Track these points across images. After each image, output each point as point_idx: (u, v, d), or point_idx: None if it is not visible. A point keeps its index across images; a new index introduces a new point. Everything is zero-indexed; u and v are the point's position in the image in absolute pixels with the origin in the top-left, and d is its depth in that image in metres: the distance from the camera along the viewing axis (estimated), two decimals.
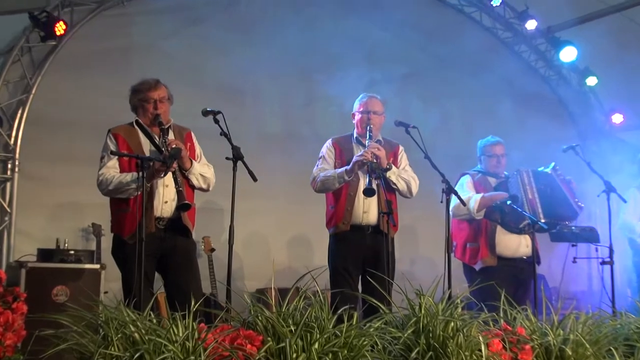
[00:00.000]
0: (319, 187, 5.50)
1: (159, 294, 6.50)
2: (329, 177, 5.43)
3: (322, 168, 5.54)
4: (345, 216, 5.43)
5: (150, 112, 4.99)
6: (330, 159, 5.58)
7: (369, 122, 5.52)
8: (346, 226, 5.43)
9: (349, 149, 5.57)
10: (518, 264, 6.01)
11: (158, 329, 3.30)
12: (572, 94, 10.74)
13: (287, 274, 7.81)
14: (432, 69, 9.55)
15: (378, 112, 5.58)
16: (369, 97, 5.65)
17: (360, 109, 5.61)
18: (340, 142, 5.66)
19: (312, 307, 3.57)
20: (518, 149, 6.90)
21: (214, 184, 5.16)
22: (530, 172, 6.14)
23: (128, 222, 4.86)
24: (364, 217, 5.42)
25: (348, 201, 5.44)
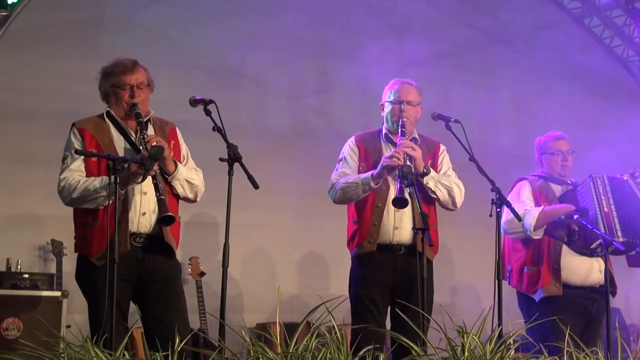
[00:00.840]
0: (339, 196, 5.47)
1: (134, 329, 6.57)
2: (351, 183, 5.40)
3: (343, 173, 5.51)
4: (372, 233, 5.40)
5: (125, 101, 4.97)
6: (353, 162, 5.55)
7: (401, 114, 5.47)
8: (372, 246, 5.39)
9: (377, 149, 5.55)
10: (588, 294, 5.98)
11: None
12: None
13: (295, 305, 7.89)
14: (476, 48, 9.56)
15: (413, 102, 5.54)
16: (402, 83, 5.61)
17: (391, 99, 5.56)
18: (365, 140, 5.62)
19: (326, 347, 3.57)
20: (587, 150, 6.89)
21: (202, 192, 5.15)
22: (607, 179, 6.12)
23: (96, 238, 4.85)
24: (395, 234, 5.39)
25: (375, 214, 5.41)
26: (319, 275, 8.34)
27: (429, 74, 9.18)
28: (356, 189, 5.38)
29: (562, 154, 6.22)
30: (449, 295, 8.80)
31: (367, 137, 5.65)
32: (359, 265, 5.49)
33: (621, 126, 9.81)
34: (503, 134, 9.62)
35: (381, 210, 5.40)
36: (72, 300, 6.33)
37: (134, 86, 4.97)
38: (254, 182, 4.65)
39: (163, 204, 4.73)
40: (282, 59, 8.65)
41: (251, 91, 8.62)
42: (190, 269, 7.60)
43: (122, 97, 4.98)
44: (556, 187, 6.19)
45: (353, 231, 5.52)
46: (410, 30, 9.13)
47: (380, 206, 5.40)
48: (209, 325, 7.26)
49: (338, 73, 8.78)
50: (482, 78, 9.48)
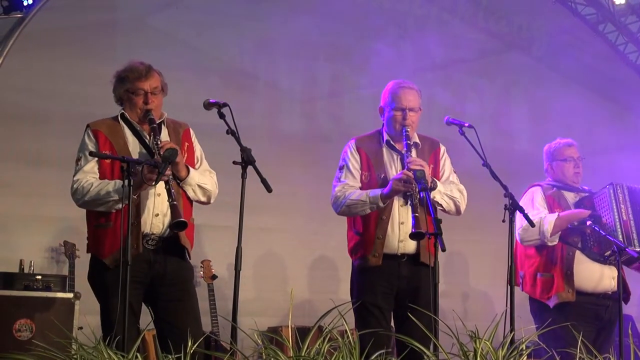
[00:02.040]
0: (344, 211, 5.38)
1: (146, 332, 6.58)
2: (357, 201, 5.29)
3: (347, 185, 5.39)
4: (376, 247, 5.31)
5: (139, 107, 4.98)
6: (356, 170, 5.43)
7: (404, 122, 5.37)
8: (378, 259, 5.30)
9: (379, 156, 5.45)
10: (601, 300, 5.96)
11: None
12: None
13: (306, 309, 7.89)
14: (491, 53, 9.55)
15: (415, 107, 5.42)
16: (403, 88, 5.45)
17: (393, 105, 5.43)
18: (365, 144, 5.50)
19: (339, 352, 3.56)
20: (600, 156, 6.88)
21: (216, 195, 5.15)
22: (626, 188, 6.09)
23: (109, 240, 4.86)
24: (400, 246, 5.32)
25: (379, 228, 5.31)
26: (330, 280, 8.32)
27: (443, 79, 9.20)
28: (363, 207, 5.29)
29: (574, 161, 6.20)
30: (460, 300, 8.78)
31: (367, 141, 5.52)
32: (362, 272, 5.41)
33: (636, 133, 9.80)
34: (517, 139, 9.62)
35: (386, 224, 5.30)
36: (84, 301, 6.34)
37: (148, 92, 4.97)
38: (267, 185, 4.65)
39: (176, 210, 4.73)
40: (295, 62, 8.66)
41: (264, 95, 8.62)
42: (202, 271, 7.60)
43: (136, 103, 4.98)
44: (569, 194, 6.17)
45: (356, 242, 5.43)
46: (424, 35, 9.13)
47: (385, 219, 5.30)
48: (221, 328, 7.26)
49: (351, 77, 8.78)
50: (496, 83, 9.47)
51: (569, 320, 5.16)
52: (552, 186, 6.17)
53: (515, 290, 5.17)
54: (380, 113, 5.56)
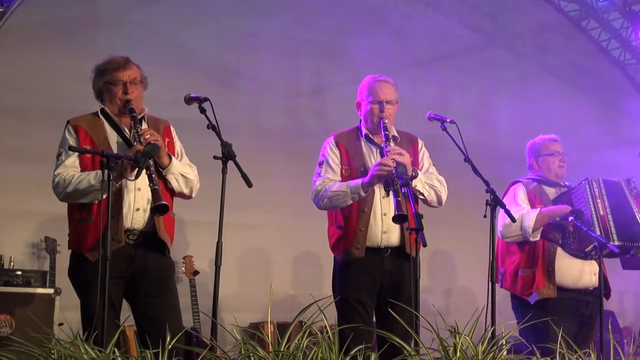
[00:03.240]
0: (325, 204, 5.38)
1: (127, 327, 6.57)
2: (339, 192, 5.30)
3: (327, 179, 5.40)
4: (358, 239, 5.31)
5: (118, 98, 4.97)
6: (336, 165, 5.44)
7: (382, 115, 5.39)
8: (360, 252, 5.31)
9: (358, 150, 5.46)
10: (581, 296, 5.98)
11: None
12: None
13: (289, 305, 7.89)
14: (474, 49, 9.56)
15: (392, 100, 5.46)
16: (379, 81, 5.50)
17: (370, 99, 5.46)
18: (344, 139, 5.52)
19: (318, 346, 3.56)
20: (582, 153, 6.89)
21: (198, 188, 5.15)
22: (602, 182, 6.11)
23: (90, 234, 4.85)
24: (383, 238, 5.33)
25: (361, 220, 5.31)
26: (314, 275, 8.33)
27: (427, 74, 9.21)
28: (344, 198, 5.29)
29: (560, 155, 6.21)
30: (443, 296, 8.79)
31: (346, 137, 5.54)
32: (344, 267, 5.40)
33: (617, 128, 9.84)
34: (500, 135, 9.64)
35: (367, 216, 5.31)
36: (65, 297, 6.32)
37: (127, 82, 4.98)
38: (247, 180, 4.64)
39: (157, 194, 4.72)
40: (278, 58, 8.66)
41: (247, 90, 8.62)
42: (184, 267, 7.60)
43: (115, 93, 4.98)
44: (550, 189, 6.18)
45: (338, 236, 5.43)
46: (408, 30, 9.14)
47: (367, 211, 5.31)
48: (202, 324, 7.25)
49: (334, 73, 8.78)
50: (480, 79, 9.48)
51: (549, 316, 5.17)
52: (533, 181, 6.19)
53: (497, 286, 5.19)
54: (358, 108, 5.59)
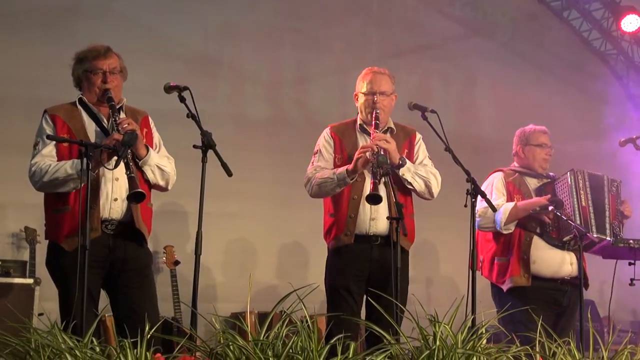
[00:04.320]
0: (315, 191, 5.44)
1: (107, 317, 6.55)
2: (326, 179, 5.36)
3: (319, 167, 5.47)
4: (348, 226, 5.38)
5: (97, 87, 4.95)
6: (329, 154, 5.51)
7: (375, 105, 5.43)
8: (349, 238, 5.38)
9: (352, 140, 5.52)
10: (559, 286, 6.00)
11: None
12: (635, 74, 10.75)
13: (271, 295, 7.82)
14: (456, 39, 9.57)
15: (387, 92, 5.50)
16: (374, 72, 5.55)
17: (364, 89, 5.52)
18: (340, 130, 5.59)
19: (297, 335, 3.56)
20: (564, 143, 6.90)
21: (174, 180, 5.14)
22: (587, 174, 6.13)
23: (67, 224, 4.84)
24: (371, 225, 5.38)
25: (351, 207, 5.38)
26: (296, 265, 8.34)
27: (408, 64, 9.20)
28: (332, 184, 5.35)
29: (547, 148, 6.23)
30: (425, 286, 8.82)
31: (342, 128, 5.61)
32: (335, 256, 5.47)
33: (598, 118, 9.87)
34: (482, 125, 9.66)
35: (357, 202, 5.37)
36: (45, 288, 6.29)
37: (106, 71, 4.96)
38: (227, 169, 4.64)
39: (134, 181, 4.71)
40: (260, 48, 8.64)
41: (228, 80, 8.60)
42: (165, 257, 7.59)
43: (94, 82, 4.96)
44: (532, 180, 6.19)
45: (330, 224, 5.49)
46: (389, 20, 9.13)
47: (357, 198, 5.37)
48: (183, 314, 7.24)
49: (316, 63, 8.77)
50: (461, 69, 9.48)
51: (526, 305, 5.20)
52: (514, 172, 6.19)
53: (478, 276, 5.20)
54: (355, 100, 5.64)
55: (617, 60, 10.77)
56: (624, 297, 7.57)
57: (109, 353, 3.41)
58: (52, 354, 3.32)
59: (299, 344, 3.55)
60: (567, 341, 4.33)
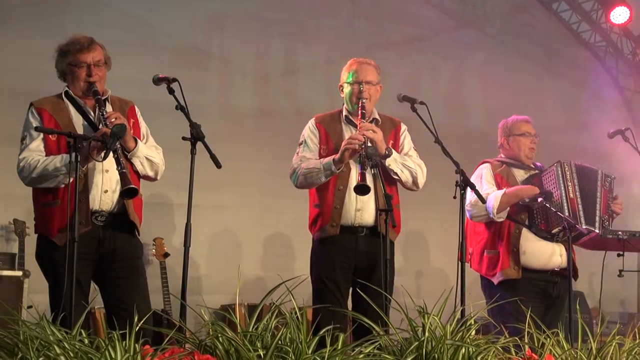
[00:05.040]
0: (301, 182, 5.43)
1: (96, 309, 6.54)
2: (312, 169, 5.36)
3: (304, 157, 5.46)
4: (334, 216, 5.37)
5: (82, 80, 4.93)
6: (314, 144, 5.51)
7: (360, 95, 5.43)
8: (335, 229, 5.37)
9: (338, 131, 5.51)
10: (549, 277, 6.02)
11: (90, 352, 3.29)
12: (624, 66, 10.77)
13: (260, 287, 7.85)
14: (446, 31, 9.57)
15: (372, 81, 5.50)
16: (360, 63, 5.55)
17: (350, 80, 5.51)
18: (325, 121, 5.59)
19: (286, 327, 3.57)
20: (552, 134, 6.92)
21: (162, 171, 5.14)
22: (574, 165, 6.14)
23: (57, 218, 4.82)
24: (357, 216, 5.38)
25: (337, 197, 5.37)
26: (285, 257, 8.35)
27: (397, 56, 9.20)
28: (318, 174, 5.34)
29: (531, 137, 6.23)
30: (414, 278, 8.83)
31: (327, 119, 5.61)
32: (320, 247, 5.47)
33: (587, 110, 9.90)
34: (472, 116, 9.67)
35: (343, 193, 5.37)
36: (34, 280, 6.29)
37: (90, 64, 4.93)
38: (216, 161, 4.62)
39: (125, 177, 4.72)
40: (248, 39, 8.64)
41: (217, 71, 8.60)
42: (155, 249, 7.58)
43: (79, 75, 4.94)
44: (518, 171, 6.19)
45: (315, 214, 5.48)
46: (378, 11, 9.13)
47: (342, 189, 5.37)
48: (173, 306, 7.24)
49: (305, 54, 8.77)
50: (450, 61, 9.49)
51: (516, 297, 5.21)
52: (501, 163, 6.20)
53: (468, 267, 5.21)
54: (340, 91, 5.63)
55: (607, 52, 10.78)
56: (613, 289, 7.61)
57: (97, 345, 3.41)
58: (40, 346, 3.32)
59: (287, 336, 3.56)
60: (555, 332, 4.35)
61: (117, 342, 3.32)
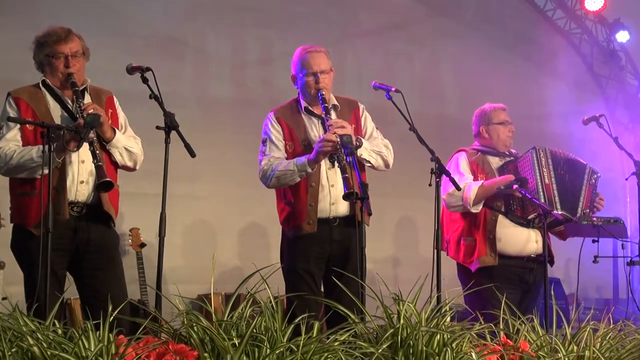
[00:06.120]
0: (274, 183, 5.37)
1: (72, 300, 6.52)
2: (286, 171, 5.29)
3: (273, 157, 5.39)
4: (310, 214, 5.33)
5: (60, 71, 4.93)
6: (279, 141, 5.43)
7: (317, 86, 5.36)
8: (312, 226, 5.33)
9: (299, 124, 5.45)
10: (525, 263, 6.04)
11: (64, 342, 3.28)
12: (598, 53, 10.81)
13: (237, 276, 7.88)
14: (420, 19, 9.58)
15: (326, 70, 5.43)
16: (310, 52, 5.45)
17: (304, 71, 5.42)
18: (285, 115, 5.50)
19: (261, 316, 3.57)
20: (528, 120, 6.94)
21: (142, 160, 5.14)
22: (549, 151, 6.16)
23: (34, 207, 4.81)
24: (332, 209, 5.35)
25: (310, 195, 5.33)
26: (261, 246, 8.34)
27: (372, 44, 9.21)
28: (292, 176, 5.28)
29: (509, 125, 6.25)
30: (391, 266, 8.84)
31: (286, 112, 5.53)
32: (294, 241, 5.42)
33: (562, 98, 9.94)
34: (447, 105, 9.69)
35: (316, 190, 5.33)
36: (9, 271, 6.26)
37: (68, 55, 4.93)
38: (190, 150, 4.62)
39: (101, 170, 4.72)
40: (224, 27, 8.62)
41: (193, 60, 8.58)
42: (131, 240, 7.57)
43: (57, 67, 4.94)
44: (494, 159, 6.21)
45: (288, 212, 5.43)
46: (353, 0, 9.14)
47: (315, 185, 5.33)
48: (150, 296, 7.23)
49: (280, 43, 8.75)
50: (425, 49, 9.50)
51: (493, 284, 5.23)
52: (476, 151, 6.21)
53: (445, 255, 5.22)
54: (294, 82, 5.56)
55: (582, 40, 10.82)
56: (589, 275, 7.64)
57: (71, 335, 3.40)
58: (13, 337, 3.30)
59: (262, 324, 3.56)
60: (530, 318, 4.37)
61: (90, 332, 3.31)
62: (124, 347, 3.34)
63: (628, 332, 4.45)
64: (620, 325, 4.51)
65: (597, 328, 4.37)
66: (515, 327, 4.25)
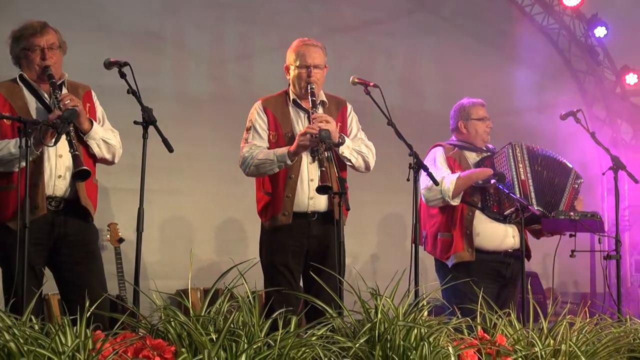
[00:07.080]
0: (252, 171, 5.38)
1: (51, 295, 6.50)
2: (265, 160, 5.29)
3: (254, 146, 5.38)
4: (286, 205, 5.33)
5: (37, 64, 4.92)
6: (263, 131, 5.43)
7: (309, 80, 5.37)
8: (287, 218, 5.33)
9: (286, 115, 5.45)
10: (502, 258, 6.06)
11: (41, 338, 3.27)
12: (576, 48, 10.87)
13: (215, 271, 7.85)
14: (401, 14, 9.59)
15: (320, 65, 5.45)
16: (307, 45, 5.47)
17: (297, 63, 5.43)
18: (273, 105, 5.50)
19: (239, 311, 3.57)
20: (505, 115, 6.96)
21: (120, 154, 5.13)
22: (525, 147, 6.18)
23: (12, 202, 4.80)
24: (310, 204, 5.35)
25: (288, 186, 5.33)
26: (239, 241, 8.35)
27: (352, 39, 9.22)
28: (271, 165, 5.29)
29: (487, 120, 6.27)
30: (370, 261, 8.86)
31: (274, 102, 5.52)
32: (272, 232, 5.42)
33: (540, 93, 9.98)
34: (427, 100, 9.72)
35: (294, 182, 5.33)
36: None
37: (44, 48, 4.92)
38: (168, 145, 4.62)
39: (78, 159, 4.71)
40: (203, 23, 8.60)
41: (171, 55, 8.56)
42: (109, 235, 7.55)
43: (33, 59, 4.93)
44: (471, 154, 6.23)
45: (265, 202, 5.43)
46: None
47: (294, 177, 5.33)
48: (128, 291, 7.22)
49: (259, 38, 8.75)
50: (405, 44, 9.51)
51: (470, 278, 5.25)
52: (454, 146, 6.22)
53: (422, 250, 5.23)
54: (286, 72, 5.56)
55: (559, 35, 10.86)
56: (566, 269, 7.70)
57: (48, 331, 3.39)
58: None
59: (240, 319, 3.57)
60: (507, 312, 4.40)
61: (67, 328, 3.31)
62: (101, 342, 3.34)
63: (604, 325, 4.50)
64: (596, 319, 4.56)
65: (573, 322, 4.41)
66: (492, 321, 4.28)
